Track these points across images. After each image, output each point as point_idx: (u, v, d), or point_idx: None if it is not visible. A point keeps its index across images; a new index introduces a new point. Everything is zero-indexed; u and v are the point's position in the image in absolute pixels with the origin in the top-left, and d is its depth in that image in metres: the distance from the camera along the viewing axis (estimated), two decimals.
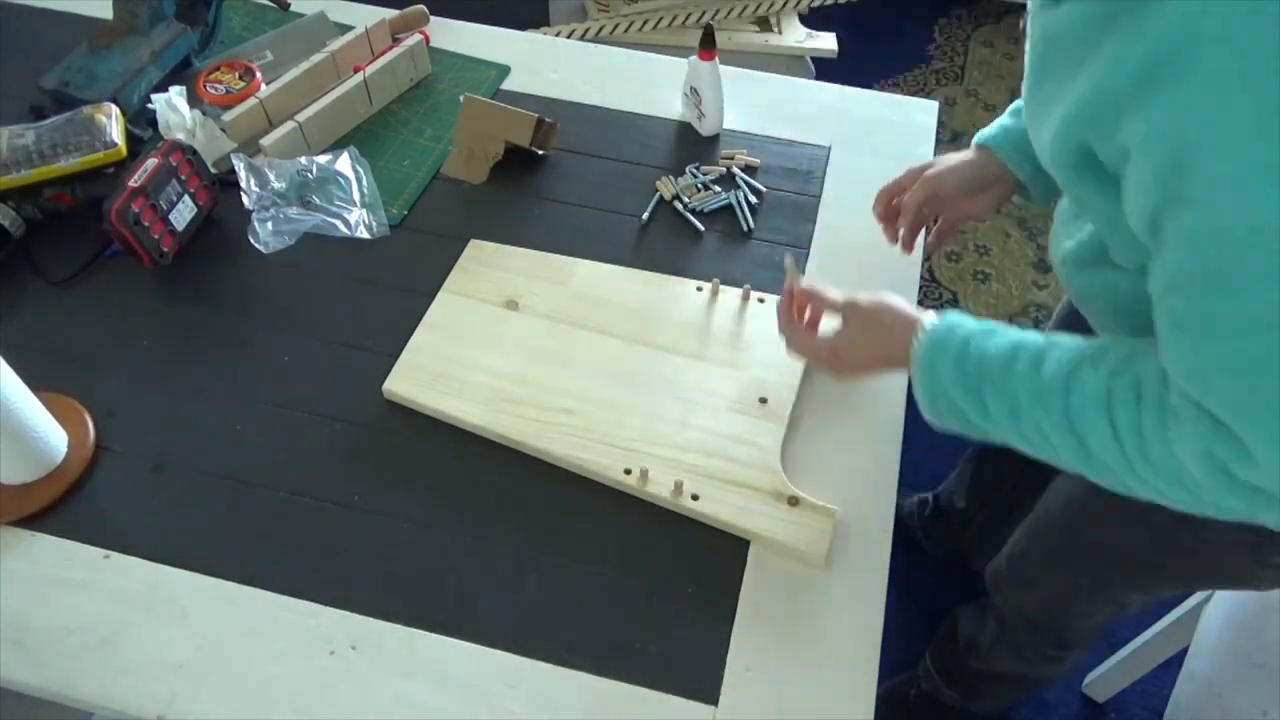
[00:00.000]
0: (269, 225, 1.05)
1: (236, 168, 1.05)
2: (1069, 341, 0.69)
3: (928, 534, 1.58)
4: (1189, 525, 0.81)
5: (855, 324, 0.79)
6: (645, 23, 1.70)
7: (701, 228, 1.09)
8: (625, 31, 1.70)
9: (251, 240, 1.04)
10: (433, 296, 1.00)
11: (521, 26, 1.37)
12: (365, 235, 1.06)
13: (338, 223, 1.06)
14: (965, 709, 1.38)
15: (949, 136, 2.35)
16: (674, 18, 1.71)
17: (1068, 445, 0.67)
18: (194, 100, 1.14)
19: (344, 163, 1.10)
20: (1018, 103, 0.88)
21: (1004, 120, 0.92)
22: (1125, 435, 0.64)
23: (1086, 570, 1.02)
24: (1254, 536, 0.80)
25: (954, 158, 0.95)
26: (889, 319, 0.78)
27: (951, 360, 0.72)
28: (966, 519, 1.47)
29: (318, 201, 1.07)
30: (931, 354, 0.73)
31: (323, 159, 1.09)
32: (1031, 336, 0.71)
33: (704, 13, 1.73)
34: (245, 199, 1.05)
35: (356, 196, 1.08)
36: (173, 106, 1.09)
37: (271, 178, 1.06)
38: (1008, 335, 0.72)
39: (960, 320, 0.74)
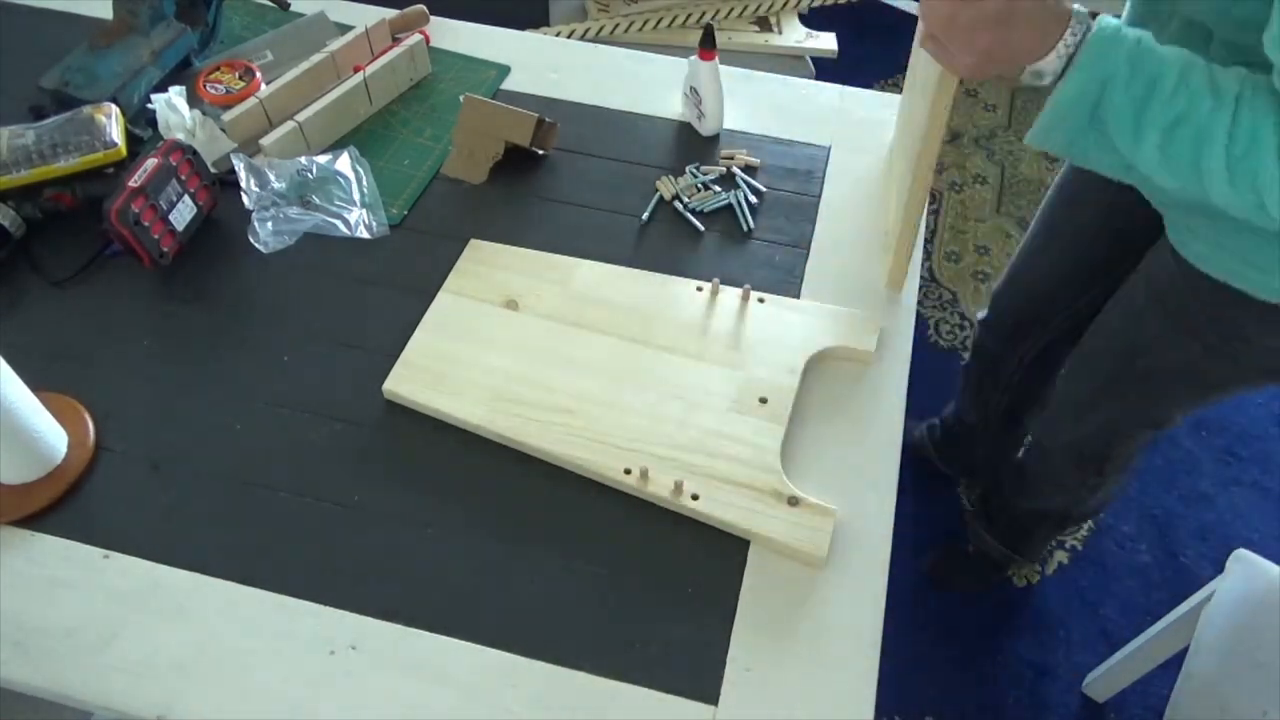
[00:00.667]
0: (269, 225, 1.05)
1: (236, 168, 1.05)
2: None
3: (942, 455, 1.68)
4: (1240, 335, 0.94)
5: None
6: (645, 23, 1.70)
7: (701, 228, 1.09)
8: (625, 32, 1.70)
9: (251, 240, 1.04)
10: (432, 296, 1.00)
11: (521, 26, 1.37)
12: (365, 235, 1.06)
13: (338, 223, 1.06)
14: (1011, 557, 1.54)
15: (949, 136, 2.35)
16: (674, 18, 1.70)
17: (1217, 170, 0.69)
18: (194, 100, 1.14)
19: (344, 163, 1.10)
20: None
21: None
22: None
23: (1138, 392, 1.10)
24: None
25: None
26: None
27: (1124, 55, 0.70)
28: (975, 431, 1.57)
29: (318, 201, 1.07)
30: (1103, 43, 0.71)
31: (322, 159, 1.09)
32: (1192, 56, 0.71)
33: (704, 13, 1.72)
34: (245, 199, 1.05)
35: (356, 196, 1.08)
36: (172, 106, 1.09)
37: (271, 178, 1.06)
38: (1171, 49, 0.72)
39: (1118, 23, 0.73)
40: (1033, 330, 1.35)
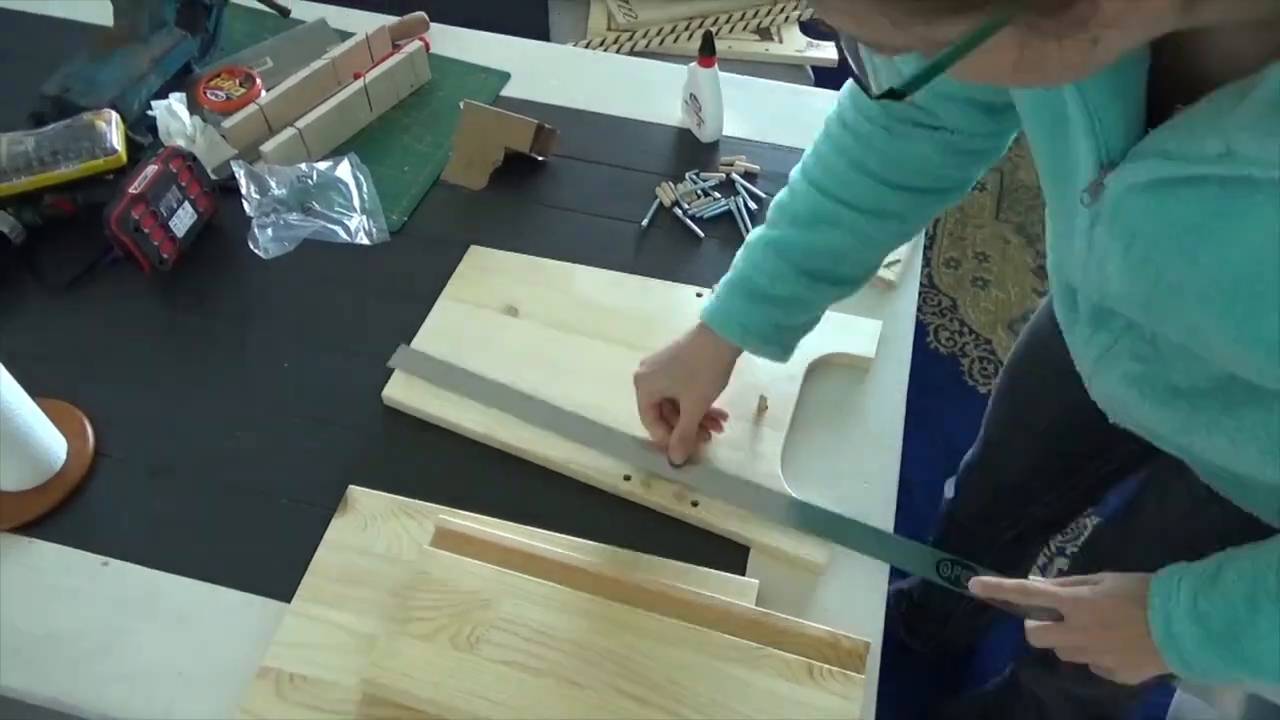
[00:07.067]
0: (269, 232, 1.05)
1: (237, 174, 1.05)
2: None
3: (909, 629, 1.48)
4: None
5: (1079, 622, 0.70)
6: (649, 42, 1.70)
7: (701, 234, 1.09)
8: (629, 51, 1.71)
9: (252, 247, 1.04)
10: (432, 303, 1.00)
11: (521, 33, 1.38)
12: (365, 241, 1.06)
13: (338, 229, 1.06)
14: None
15: None
16: (674, 27, 1.71)
17: None
18: (194, 107, 1.14)
19: (344, 169, 1.10)
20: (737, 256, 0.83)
21: (720, 288, 0.84)
22: None
23: None
24: None
25: (675, 346, 0.85)
26: (1120, 614, 0.68)
27: (1193, 629, 0.63)
28: (947, 609, 1.40)
29: (318, 208, 1.07)
30: (1168, 635, 0.65)
31: (323, 165, 1.09)
32: (1247, 559, 0.63)
33: (704, 20, 1.73)
34: (246, 205, 1.05)
35: (357, 203, 1.08)
36: (173, 113, 1.09)
37: (272, 184, 1.06)
38: (1233, 572, 0.63)
39: (1176, 579, 0.65)
40: (1004, 519, 1.17)
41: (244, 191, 1.05)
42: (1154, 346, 0.64)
